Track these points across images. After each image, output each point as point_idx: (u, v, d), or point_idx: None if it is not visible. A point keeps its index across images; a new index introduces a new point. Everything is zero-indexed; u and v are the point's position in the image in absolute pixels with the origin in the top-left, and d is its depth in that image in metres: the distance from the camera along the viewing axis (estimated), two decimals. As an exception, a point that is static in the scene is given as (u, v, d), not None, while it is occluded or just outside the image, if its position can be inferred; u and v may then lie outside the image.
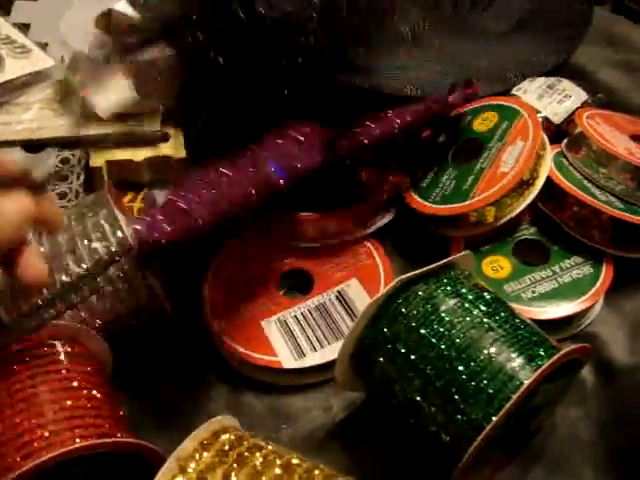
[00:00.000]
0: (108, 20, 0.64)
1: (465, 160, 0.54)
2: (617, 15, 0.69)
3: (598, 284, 0.50)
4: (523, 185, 0.51)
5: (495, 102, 0.56)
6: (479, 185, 0.51)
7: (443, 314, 0.41)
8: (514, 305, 0.48)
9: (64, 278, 0.46)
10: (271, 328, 0.50)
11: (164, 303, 0.50)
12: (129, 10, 0.64)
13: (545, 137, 0.53)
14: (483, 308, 0.42)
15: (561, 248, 0.52)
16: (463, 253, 0.45)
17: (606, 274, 0.51)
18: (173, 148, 0.61)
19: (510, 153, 0.51)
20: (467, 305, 0.42)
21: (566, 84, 0.60)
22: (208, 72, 0.62)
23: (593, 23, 0.68)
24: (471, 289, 0.43)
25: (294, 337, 0.50)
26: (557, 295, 0.50)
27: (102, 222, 0.48)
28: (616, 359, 0.49)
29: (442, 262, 0.44)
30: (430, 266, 0.43)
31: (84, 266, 0.46)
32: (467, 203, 0.50)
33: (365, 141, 0.49)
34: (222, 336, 0.50)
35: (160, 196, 0.62)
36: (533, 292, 0.50)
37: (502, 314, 0.42)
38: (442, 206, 0.52)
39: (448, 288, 0.43)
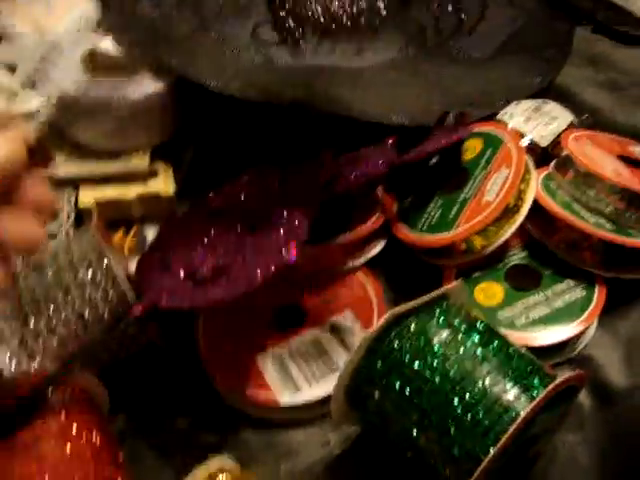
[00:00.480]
0: (94, 59, 0.65)
1: (451, 188, 0.54)
2: (598, 35, 0.70)
3: (591, 307, 0.50)
4: (508, 212, 0.51)
5: (479, 130, 0.56)
6: (464, 214, 0.51)
7: (436, 347, 0.41)
8: (508, 332, 0.48)
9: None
10: (266, 364, 0.50)
11: (157, 338, 0.50)
12: (114, 48, 0.64)
13: (530, 162, 0.53)
14: (476, 339, 0.42)
15: (553, 272, 0.52)
16: (454, 284, 0.45)
17: (599, 296, 0.51)
18: (163, 184, 0.62)
19: (494, 181, 0.52)
20: (460, 336, 0.42)
21: (552, 106, 0.61)
22: (198, 105, 0.63)
23: (575, 44, 0.69)
24: (463, 320, 0.43)
25: (289, 372, 0.49)
26: (551, 320, 0.50)
27: (98, 275, 0.48)
28: (612, 382, 0.49)
29: (433, 294, 0.44)
30: (422, 298, 0.43)
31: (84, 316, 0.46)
32: (452, 233, 0.50)
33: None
34: (217, 372, 0.50)
35: (151, 232, 0.62)
36: (527, 318, 0.50)
37: (495, 343, 0.42)
38: (427, 236, 0.52)
39: (440, 320, 0.43)
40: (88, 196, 0.60)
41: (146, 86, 0.60)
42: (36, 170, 0.36)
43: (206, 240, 0.48)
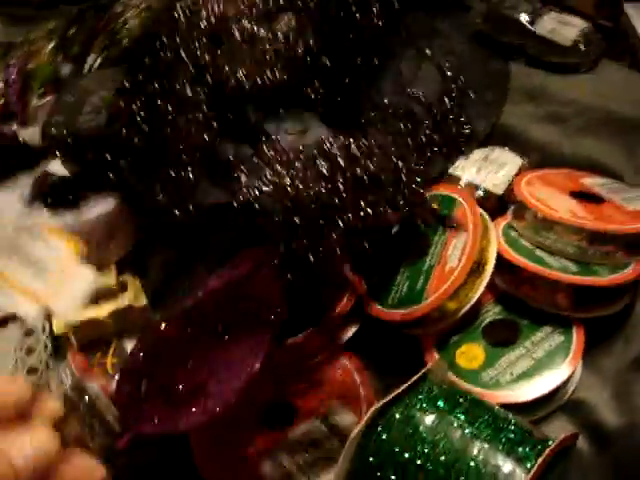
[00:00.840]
0: (44, 183, 0.65)
1: (414, 258, 0.54)
2: (531, 68, 0.71)
3: (573, 351, 0.51)
4: (475, 273, 0.51)
5: (432, 192, 0.57)
6: (431, 283, 0.51)
7: (424, 434, 0.41)
8: (494, 392, 0.49)
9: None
10: (263, 465, 0.50)
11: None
12: (63, 169, 0.65)
13: (487, 218, 0.54)
14: (462, 417, 0.42)
15: (529, 322, 0.53)
16: (431, 363, 0.46)
17: (578, 338, 0.51)
18: (134, 296, 0.62)
19: (455, 246, 0.52)
20: (446, 418, 0.42)
21: (499, 152, 0.61)
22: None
23: (510, 80, 0.70)
24: (447, 399, 0.43)
25: (287, 470, 0.49)
26: (535, 372, 0.50)
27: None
28: (607, 422, 0.49)
29: (413, 379, 0.44)
30: (402, 386, 0.43)
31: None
32: (422, 305, 0.51)
33: None
34: (213, 478, 0.49)
35: (129, 344, 0.62)
36: (511, 375, 0.50)
37: (482, 418, 0.42)
38: (399, 310, 0.52)
39: (424, 404, 0.43)
40: (62, 322, 0.60)
41: (98, 206, 0.61)
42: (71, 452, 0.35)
43: (179, 357, 0.48)
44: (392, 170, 0.53)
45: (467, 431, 0.41)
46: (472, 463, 0.40)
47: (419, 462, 0.41)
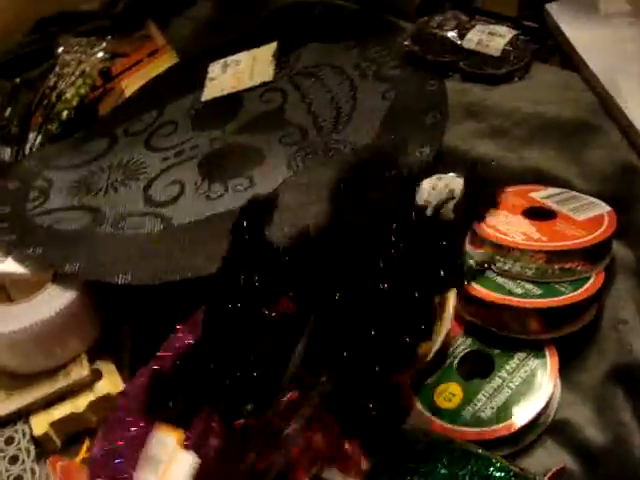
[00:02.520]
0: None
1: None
2: (467, 83, 0.71)
3: (548, 373, 0.51)
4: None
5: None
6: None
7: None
8: (477, 429, 0.49)
9: None
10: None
11: None
12: (18, 267, 0.64)
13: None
14: (443, 471, 0.42)
15: (501, 350, 0.53)
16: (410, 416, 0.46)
17: (552, 359, 0.52)
18: (110, 383, 0.61)
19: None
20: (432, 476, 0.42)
21: (446, 179, 0.61)
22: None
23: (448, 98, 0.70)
24: (428, 455, 0.43)
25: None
26: (515, 401, 0.50)
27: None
28: (593, 440, 0.49)
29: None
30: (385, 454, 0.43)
31: None
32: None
33: None
34: None
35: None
36: (492, 408, 0.50)
37: (464, 471, 0.42)
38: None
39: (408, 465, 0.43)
40: (41, 422, 0.59)
41: (56, 300, 0.60)
42: None
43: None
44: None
45: (454, 486, 0.41)
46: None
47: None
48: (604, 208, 0.57)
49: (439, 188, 0.60)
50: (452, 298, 0.52)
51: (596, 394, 0.51)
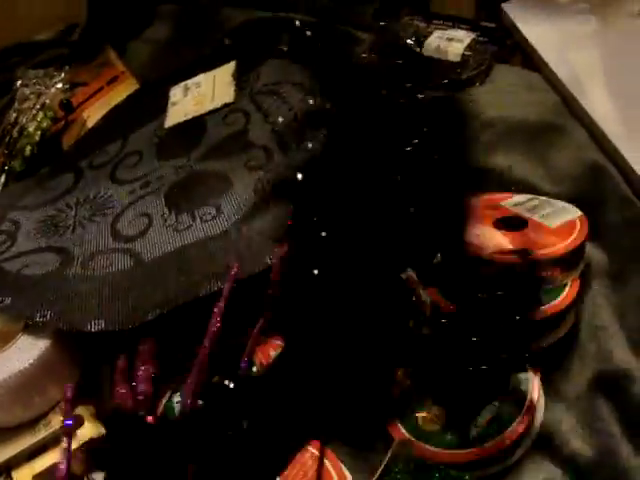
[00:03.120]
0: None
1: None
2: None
3: (531, 384, 0.50)
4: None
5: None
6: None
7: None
8: (464, 450, 0.48)
9: None
10: None
11: None
12: None
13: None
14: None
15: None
16: (395, 446, 0.45)
17: (534, 370, 0.51)
18: (92, 427, 0.60)
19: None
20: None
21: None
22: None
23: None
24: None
25: None
26: (500, 417, 0.50)
27: None
28: (580, 452, 0.49)
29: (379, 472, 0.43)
30: None
31: None
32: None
33: None
34: None
35: (99, 476, 0.60)
36: (476, 426, 0.50)
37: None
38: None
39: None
40: (24, 476, 0.58)
41: (29, 350, 0.59)
42: None
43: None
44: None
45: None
46: None
47: None
48: (575, 213, 0.57)
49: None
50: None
51: (581, 404, 0.51)
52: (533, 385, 0.51)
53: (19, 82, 0.96)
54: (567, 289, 0.52)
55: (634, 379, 0.49)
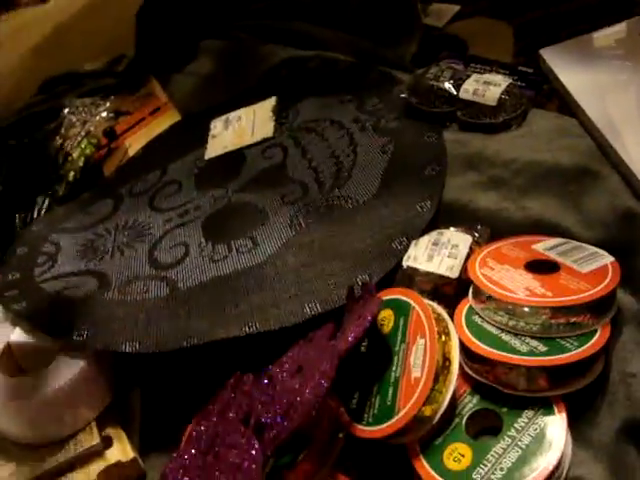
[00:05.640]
0: (10, 357, 0.65)
1: (381, 371, 0.54)
2: (465, 133, 0.71)
3: (559, 431, 0.50)
4: (442, 373, 0.51)
5: (386, 298, 0.57)
6: (400, 396, 0.51)
7: None
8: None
9: None
10: None
11: None
12: (27, 336, 0.65)
13: (444, 316, 0.54)
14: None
15: (509, 407, 0.52)
16: None
17: (561, 416, 0.51)
18: (121, 449, 0.61)
19: (415, 354, 0.52)
20: None
21: (448, 234, 0.62)
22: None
23: (448, 149, 0.71)
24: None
25: None
26: (526, 461, 0.49)
27: None
28: (608, 502, 0.48)
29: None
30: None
31: None
32: (396, 419, 0.51)
33: None
34: None
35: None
36: (501, 470, 0.49)
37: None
38: (377, 427, 0.52)
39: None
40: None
41: (66, 369, 0.60)
42: None
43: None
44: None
45: None
46: None
47: None
48: (607, 258, 0.57)
49: (442, 242, 0.61)
50: (456, 357, 0.52)
51: (609, 451, 0.51)
52: (560, 429, 0.50)
53: (67, 110, 1.00)
54: (597, 335, 0.52)
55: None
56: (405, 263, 0.61)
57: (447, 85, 0.73)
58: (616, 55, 0.74)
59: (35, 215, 0.86)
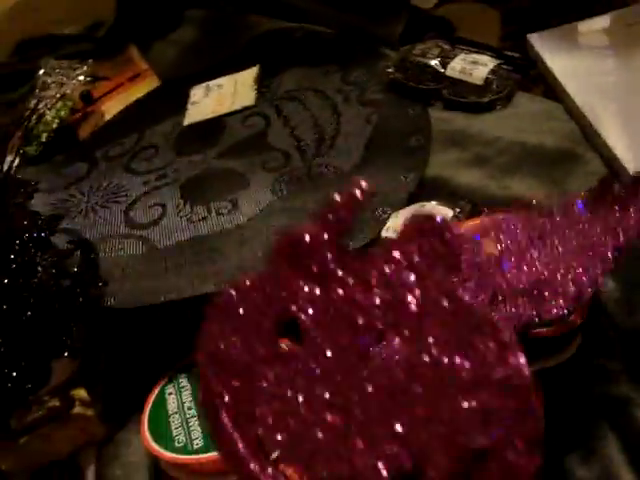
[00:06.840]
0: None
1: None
2: (449, 112, 0.71)
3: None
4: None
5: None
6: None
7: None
8: None
9: None
10: None
11: None
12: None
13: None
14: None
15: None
16: None
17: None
18: (84, 409, 0.59)
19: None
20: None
21: (429, 207, 0.61)
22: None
23: (432, 126, 0.71)
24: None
25: None
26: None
27: None
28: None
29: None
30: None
31: None
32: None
33: None
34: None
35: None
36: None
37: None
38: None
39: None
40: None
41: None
42: None
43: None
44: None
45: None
46: None
47: None
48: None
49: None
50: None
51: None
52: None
53: (42, 71, 0.97)
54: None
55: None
56: (384, 234, 0.60)
57: (434, 62, 0.73)
58: (603, 43, 0.75)
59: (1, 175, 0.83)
